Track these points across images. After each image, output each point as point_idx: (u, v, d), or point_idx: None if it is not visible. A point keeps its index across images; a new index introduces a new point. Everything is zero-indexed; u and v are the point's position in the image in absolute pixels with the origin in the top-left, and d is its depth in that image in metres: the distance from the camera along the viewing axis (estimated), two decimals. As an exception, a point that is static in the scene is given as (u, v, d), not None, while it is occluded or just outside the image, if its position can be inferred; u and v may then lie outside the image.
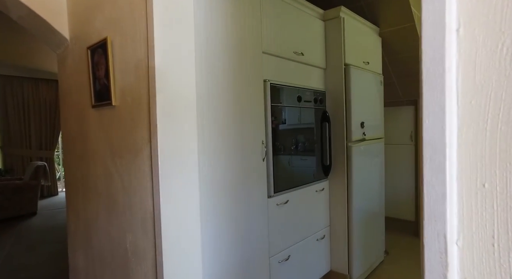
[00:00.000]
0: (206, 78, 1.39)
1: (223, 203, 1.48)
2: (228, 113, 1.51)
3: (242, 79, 1.59)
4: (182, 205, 1.19)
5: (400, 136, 3.46)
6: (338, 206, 2.30)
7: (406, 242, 3.22)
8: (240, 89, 1.58)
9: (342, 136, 2.25)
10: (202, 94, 1.37)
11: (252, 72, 1.65)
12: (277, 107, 1.83)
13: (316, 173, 2.19)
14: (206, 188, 1.39)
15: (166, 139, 1.11)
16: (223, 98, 1.48)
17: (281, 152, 1.87)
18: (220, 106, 1.47)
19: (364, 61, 2.47)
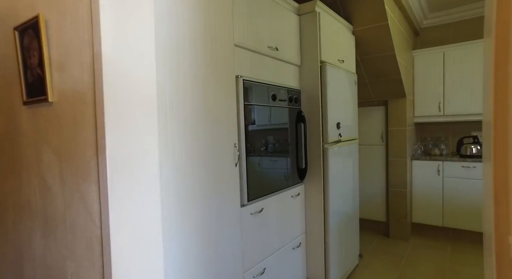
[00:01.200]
0: (169, 71, 1.18)
1: (191, 216, 1.28)
2: (197, 112, 1.31)
3: (212, 74, 1.39)
4: (139, 225, 0.97)
5: (371, 136, 3.44)
6: (314, 211, 2.18)
7: (377, 244, 3.20)
8: (210, 85, 1.38)
9: (318, 137, 2.13)
10: (165, 90, 1.15)
11: (223, 67, 1.46)
12: (250, 106, 1.66)
13: (292, 177, 2.05)
14: (170, 200, 1.17)
15: (117, 143, 0.89)
16: (190, 94, 1.27)
17: (255, 155, 1.69)
18: (188, 104, 1.26)
19: (339, 59, 2.37)
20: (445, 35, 3.53)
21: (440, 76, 3.30)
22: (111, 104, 0.85)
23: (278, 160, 1.92)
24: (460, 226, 3.10)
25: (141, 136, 0.96)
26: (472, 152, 3.11)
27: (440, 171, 3.16)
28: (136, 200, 0.96)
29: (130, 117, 0.91)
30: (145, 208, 1.00)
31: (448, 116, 3.29)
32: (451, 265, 2.66)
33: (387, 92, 3.16)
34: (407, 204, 3.24)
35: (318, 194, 2.15)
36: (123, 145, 0.90)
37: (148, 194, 1.00)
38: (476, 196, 2.99)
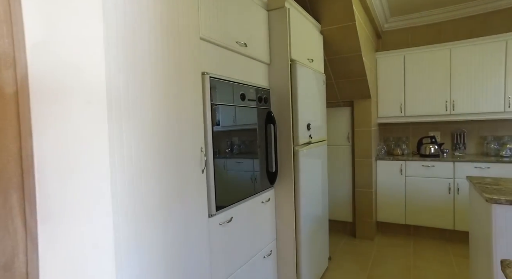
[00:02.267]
0: (125, 64, 0.99)
1: (152, 232, 1.10)
2: (158, 113, 1.13)
3: (175, 69, 1.22)
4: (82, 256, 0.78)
5: (338, 137, 3.45)
6: (285, 216, 2.08)
7: (345, 244, 3.21)
8: (173, 82, 1.21)
9: (288, 139, 2.04)
10: (118, 86, 0.97)
11: (187, 62, 1.29)
12: (218, 106, 1.51)
13: (262, 182, 1.93)
14: (127, 215, 0.99)
15: (51, 152, 0.70)
16: (151, 92, 1.10)
17: (223, 160, 1.55)
18: (147, 103, 1.08)
19: (308, 58, 2.31)
20: (405, 39, 3.65)
21: (401, 78, 3.40)
22: (41, 104, 0.66)
23: (247, 165, 1.79)
24: (420, 223, 3.21)
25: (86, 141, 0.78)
26: (430, 151, 3.24)
27: (402, 171, 3.25)
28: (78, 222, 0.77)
29: (69, 119, 0.73)
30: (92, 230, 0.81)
31: (409, 117, 3.39)
32: (415, 262, 2.73)
33: (353, 93, 3.18)
34: (372, 204, 3.28)
35: (289, 198, 2.06)
36: (59, 153, 0.71)
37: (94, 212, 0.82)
38: (435, 194, 3.11)
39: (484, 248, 1.64)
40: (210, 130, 1.44)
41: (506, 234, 1.47)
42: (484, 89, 3.07)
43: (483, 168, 2.93)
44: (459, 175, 3.02)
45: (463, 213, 3.02)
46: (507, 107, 3.00)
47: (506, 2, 3.19)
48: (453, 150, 3.45)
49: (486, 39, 3.05)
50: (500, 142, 3.22)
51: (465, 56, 3.12)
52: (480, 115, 3.10)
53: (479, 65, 3.08)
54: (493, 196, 1.50)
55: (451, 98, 3.19)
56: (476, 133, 3.38)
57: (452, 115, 3.20)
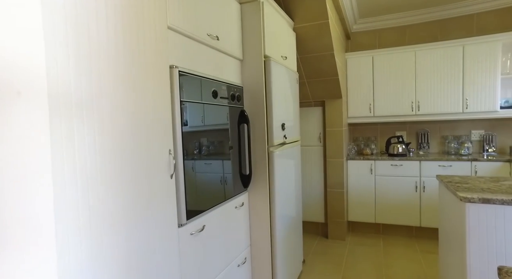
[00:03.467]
0: (75, 54, 0.83)
1: (111, 248, 0.94)
2: (118, 111, 0.97)
3: (139, 62, 1.07)
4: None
5: (310, 137, 3.42)
6: (260, 221, 1.98)
7: (318, 246, 3.18)
8: (136, 76, 1.05)
9: (262, 139, 1.94)
10: (69, 81, 0.80)
11: (153, 53, 1.14)
12: (188, 104, 1.36)
13: (235, 186, 1.81)
14: (79, 233, 0.83)
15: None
16: (111, 89, 0.94)
17: (193, 164, 1.41)
18: (106, 101, 0.92)
19: (282, 55, 2.22)
20: (372, 41, 3.72)
21: (370, 79, 3.45)
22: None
23: (219, 168, 1.66)
24: (389, 221, 3.27)
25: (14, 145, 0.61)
26: (398, 151, 3.31)
27: (372, 170, 3.29)
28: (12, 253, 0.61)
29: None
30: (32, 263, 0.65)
31: (377, 117, 3.45)
32: (385, 260, 2.76)
33: (324, 93, 3.16)
34: (344, 204, 3.29)
35: (263, 202, 1.96)
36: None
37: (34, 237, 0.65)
38: (403, 192, 3.19)
39: (457, 245, 1.66)
40: (179, 130, 1.29)
41: (479, 231, 1.48)
42: (445, 91, 3.20)
43: (446, 166, 3.05)
44: (424, 174, 3.12)
45: (429, 210, 3.12)
46: (465, 108, 3.15)
47: (459, 11, 3.36)
48: (418, 149, 3.57)
49: (445, 44, 3.18)
50: (459, 141, 3.38)
51: (428, 59, 3.24)
52: (442, 116, 3.23)
53: (440, 68, 3.20)
54: (466, 195, 1.51)
55: (416, 99, 3.29)
56: (438, 133, 3.52)
57: (418, 115, 3.30)
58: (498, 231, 1.46)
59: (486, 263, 1.48)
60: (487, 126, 3.36)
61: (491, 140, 3.29)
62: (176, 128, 1.28)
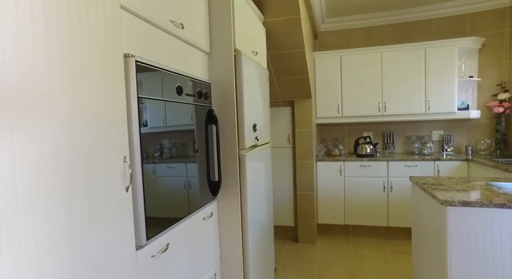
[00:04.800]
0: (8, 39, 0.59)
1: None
2: (59, 109, 0.74)
3: (80, 46, 0.83)
4: None
5: (279, 138, 3.30)
6: (231, 231, 1.79)
7: (289, 251, 3.07)
8: (77, 65, 0.82)
9: (233, 142, 1.75)
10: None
11: (101, 36, 0.91)
12: (148, 101, 1.14)
13: (203, 194, 1.61)
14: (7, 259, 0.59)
15: None
16: (47, 78, 0.70)
17: (155, 171, 1.19)
18: (41, 98, 0.68)
19: (253, 50, 2.06)
20: (339, 41, 3.71)
21: (338, 79, 3.42)
22: None
23: (184, 175, 1.45)
24: (358, 222, 3.26)
25: None
26: (367, 151, 3.32)
27: (342, 171, 3.26)
28: None
29: None
30: None
31: (346, 118, 3.43)
32: (357, 263, 2.72)
33: (294, 92, 3.05)
34: (314, 207, 3.22)
35: (234, 211, 1.78)
36: None
37: None
38: (371, 193, 3.19)
39: (435, 247, 1.62)
40: (137, 132, 1.07)
41: (460, 234, 1.44)
42: (409, 92, 3.26)
43: (411, 166, 3.10)
44: (392, 174, 3.15)
45: (396, 210, 3.15)
46: (427, 109, 3.23)
47: (419, 15, 3.46)
48: (384, 149, 3.62)
49: (409, 46, 3.25)
50: (422, 141, 3.47)
51: (393, 60, 3.28)
52: (407, 116, 3.29)
53: (405, 69, 3.26)
54: (447, 198, 1.46)
55: (383, 100, 3.32)
56: (402, 133, 3.60)
57: (384, 116, 3.33)
58: (478, 233, 1.43)
59: (466, 265, 1.44)
60: (446, 127, 3.49)
61: (450, 140, 3.43)
62: (133, 130, 1.06)
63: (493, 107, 3.29)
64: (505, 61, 3.34)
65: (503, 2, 3.29)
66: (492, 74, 3.37)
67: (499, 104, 3.27)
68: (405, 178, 3.11)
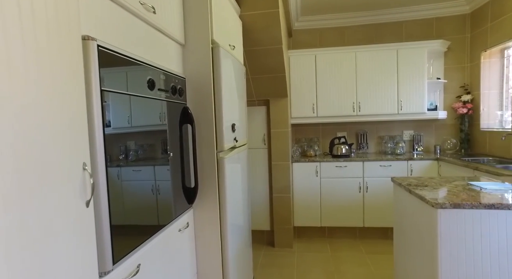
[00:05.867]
0: None
1: None
2: None
3: (23, 27, 0.63)
4: None
5: (254, 139, 3.17)
6: (209, 243, 1.62)
7: (265, 256, 2.94)
8: (23, 49, 0.62)
9: (211, 144, 1.59)
10: None
11: (51, 13, 0.71)
12: (113, 95, 0.95)
13: (177, 203, 1.42)
14: None
15: None
16: None
17: (121, 180, 0.99)
18: None
19: (230, 44, 1.90)
20: (313, 40, 3.66)
21: (313, 78, 3.36)
22: None
23: (156, 182, 1.26)
24: (334, 223, 3.22)
25: None
26: (342, 152, 3.29)
27: (318, 172, 3.20)
28: None
29: None
30: None
31: (321, 118, 3.38)
32: (336, 266, 2.66)
33: (270, 91, 2.94)
34: (291, 209, 3.12)
35: (213, 220, 1.61)
36: None
37: None
38: (347, 194, 3.17)
39: (423, 249, 1.57)
40: (100, 133, 0.87)
41: (450, 236, 1.40)
42: (383, 93, 3.28)
43: (386, 166, 3.11)
44: (367, 174, 3.14)
45: (372, 210, 3.15)
46: (400, 109, 3.28)
47: (390, 17, 3.52)
48: (358, 149, 3.62)
49: (382, 47, 3.27)
50: (395, 141, 3.53)
51: (367, 60, 3.29)
52: (381, 117, 3.31)
53: (378, 69, 3.28)
54: (438, 200, 1.41)
55: (357, 100, 3.31)
56: (375, 133, 3.63)
57: (359, 116, 3.33)
58: (468, 235, 1.39)
59: (457, 266, 1.40)
60: (416, 127, 3.57)
61: (420, 140, 3.51)
62: (95, 130, 0.86)
63: (457, 108, 3.42)
64: (467, 64, 3.49)
65: (464, 9, 3.44)
66: (456, 76, 3.51)
67: (463, 105, 3.40)
68: (380, 178, 3.12)
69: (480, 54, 3.28)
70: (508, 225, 1.37)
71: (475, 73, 3.36)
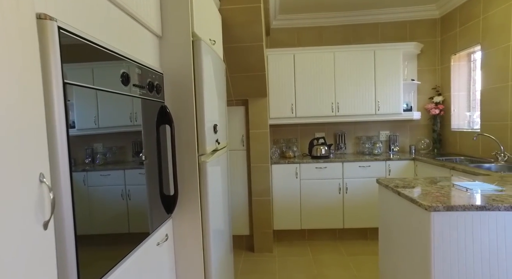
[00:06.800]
0: None
1: None
2: None
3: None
4: None
5: (232, 140, 3.03)
6: (190, 255, 1.47)
7: (245, 262, 2.82)
8: None
9: (191, 146, 1.44)
10: None
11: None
12: (78, 89, 0.78)
13: (155, 213, 1.26)
14: None
15: None
16: None
17: (87, 192, 0.83)
18: None
19: (211, 38, 1.76)
20: (291, 39, 3.59)
21: (292, 78, 3.29)
22: None
23: (130, 192, 1.09)
24: (315, 226, 3.16)
25: None
26: (321, 153, 3.25)
27: (297, 174, 3.13)
28: None
29: None
30: None
31: (300, 118, 3.32)
32: (318, 270, 2.60)
33: (249, 90, 2.82)
34: (270, 213, 3.02)
35: (194, 230, 1.46)
36: None
37: None
38: (327, 195, 3.12)
39: (414, 252, 1.53)
40: (63, 135, 0.71)
41: (444, 239, 1.37)
42: (361, 93, 3.29)
43: (365, 167, 3.11)
44: (347, 175, 3.12)
45: (351, 211, 3.13)
46: (377, 110, 3.30)
47: (366, 18, 3.54)
48: (336, 150, 3.61)
49: (360, 47, 3.28)
50: (372, 141, 3.55)
51: (345, 60, 3.28)
52: (359, 117, 3.31)
53: (356, 70, 3.28)
54: (431, 203, 1.37)
55: (336, 100, 3.29)
56: (353, 134, 3.64)
57: (337, 116, 3.31)
58: (460, 237, 1.36)
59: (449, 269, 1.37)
60: (392, 127, 3.63)
61: (396, 140, 3.57)
62: (57, 134, 0.69)
63: (430, 109, 3.52)
64: (438, 67, 3.60)
65: (434, 14, 3.54)
66: (428, 78, 3.61)
67: (435, 106, 3.50)
68: (360, 179, 3.12)
69: (450, 57, 3.39)
70: (499, 226, 1.36)
71: (445, 76, 3.47)
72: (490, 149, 2.79)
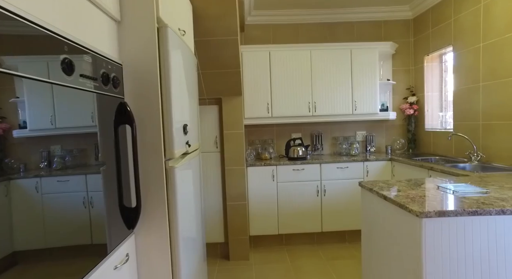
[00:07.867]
0: None
1: None
2: None
3: None
4: None
5: (205, 142, 2.83)
6: (156, 274, 1.27)
7: (220, 272, 2.63)
8: None
9: (158, 150, 1.24)
10: None
11: None
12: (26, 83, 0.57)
13: (113, 230, 1.06)
14: None
15: None
16: None
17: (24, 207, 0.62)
18: None
19: (180, 28, 1.57)
20: (267, 36, 3.46)
21: (267, 76, 3.15)
22: None
23: (81, 206, 0.88)
24: (292, 230, 3.04)
25: None
26: (299, 154, 3.13)
27: (274, 177, 2.99)
28: None
29: None
30: None
31: (276, 118, 3.19)
32: (297, 277, 2.47)
33: (223, 88, 2.64)
34: (246, 218, 2.86)
35: (161, 245, 1.26)
36: None
37: None
38: (305, 198, 3.01)
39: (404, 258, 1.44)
40: None
41: (435, 245, 1.28)
42: (338, 93, 3.22)
43: (343, 168, 3.04)
44: (325, 177, 3.03)
45: (329, 214, 3.04)
46: (354, 110, 3.25)
47: (342, 17, 3.49)
48: (313, 151, 3.52)
49: (336, 46, 3.21)
50: (349, 142, 3.50)
51: (322, 59, 3.19)
52: (336, 117, 3.24)
53: (333, 69, 3.20)
54: (422, 209, 1.28)
55: (313, 100, 3.19)
56: (329, 134, 3.56)
57: (314, 116, 3.21)
58: (452, 243, 1.28)
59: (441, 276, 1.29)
60: (368, 127, 3.60)
61: (372, 140, 3.54)
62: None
63: (405, 109, 3.53)
64: (412, 67, 3.62)
65: (407, 15, 3.56)
66: (403, 78, 3.62)
67: (410, 107, 3.51)
68: (338, 181, 3.04)
69: (423, 58, 3.41)
70: (490, 231, 1.29)
71: (419, 76, 3.50)
72: (463, 148, 2.81)
